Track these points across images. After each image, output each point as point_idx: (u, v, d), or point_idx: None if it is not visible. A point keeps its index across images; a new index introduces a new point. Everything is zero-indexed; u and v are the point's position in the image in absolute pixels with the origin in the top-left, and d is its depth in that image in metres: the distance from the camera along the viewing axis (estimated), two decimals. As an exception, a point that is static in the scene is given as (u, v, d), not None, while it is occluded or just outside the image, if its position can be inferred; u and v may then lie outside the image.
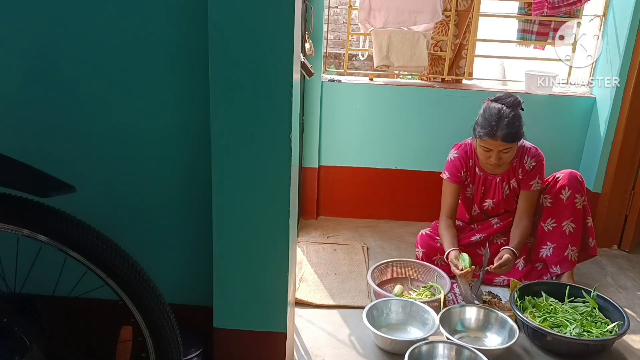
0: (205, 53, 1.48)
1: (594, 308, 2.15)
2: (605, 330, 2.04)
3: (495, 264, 2.31)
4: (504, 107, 2.31)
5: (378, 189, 3.11)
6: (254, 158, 1.54)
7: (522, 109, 2.37)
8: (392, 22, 2.89)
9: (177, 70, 1.58)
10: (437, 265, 2.50)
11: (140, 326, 1.31)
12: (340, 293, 2.37)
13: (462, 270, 2.29)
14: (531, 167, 2.42)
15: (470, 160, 2.50)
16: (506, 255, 2.31)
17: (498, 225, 2.55)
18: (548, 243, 2.43)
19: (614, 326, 2.05)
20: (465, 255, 2.33)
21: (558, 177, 2.44)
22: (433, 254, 2.52)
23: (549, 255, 2.43)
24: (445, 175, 2.53)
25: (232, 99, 1.49)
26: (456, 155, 2.51)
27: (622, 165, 2.81)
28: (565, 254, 2.39)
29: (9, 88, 1.61)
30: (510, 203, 2.53)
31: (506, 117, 2.29)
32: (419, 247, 2.55)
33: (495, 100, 2.37)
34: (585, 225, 2.44)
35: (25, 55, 1.58)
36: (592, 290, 2.20)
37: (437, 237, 2.53)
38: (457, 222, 2.60)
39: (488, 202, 2.54)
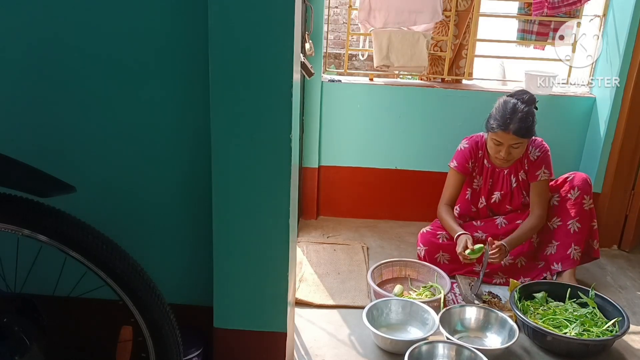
0: (205, 53, 1.48)
1: (594, 308, 2.15)
2: (605, 327, 2.05)
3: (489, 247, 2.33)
4: (519, 103, 2.35)
5: (378, 189, 3.11)
6: (254, 158, 1.54)
7: (537, 108, 2.39)
8: (392, 22, 2.89)
9: (178, 70, 1.58)
10: (439, 263, 2.50)
11: (140, 326, 1.31)
12: (340, 293, 2.37)
13: (467, 255, 2.31)
14: (536, 157, 2.44)
15: (480, 152, 2.53)
16: (499, 249, 2.33)
17: (503, 226, 2.53)
18: (553, 241, 2.44)
19: (614, 322, 2.05)
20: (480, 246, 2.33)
21: (569, 178, 2.46)
22: (435, 251, 2.52)
23: (552, 253, 2.44)
24: (453, 164, 2.56)
25: (232, 99, 1.49)
26: (467, 145, 2.54)
27: (622, 165, 2.81)
28: (568, 252, 2.40)
29: (8, 88, 1.61)
30: (516, 199, 2.53)
31: (520, 112, 2.32)
32: (421, 245, 2.55)
33: (511, 95, 2.41)
34: (591, 228, 2.46)
35: (25, 55, 1.58)
36: (590, 290, 2.21)
37: (438, 234, 2.53)
38: (459, 221, 2.59)
39: (496, 195, 2.55)
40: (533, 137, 2.45)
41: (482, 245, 2.32)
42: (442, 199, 2.58)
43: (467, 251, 2.31)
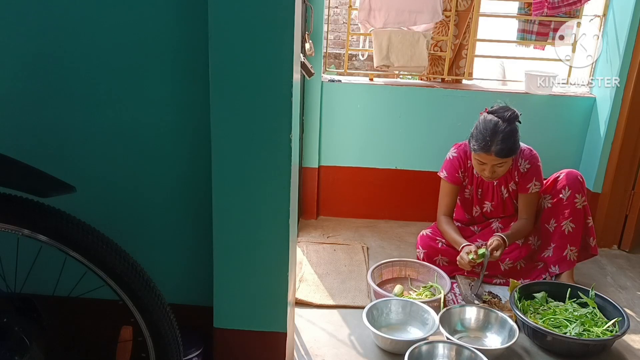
0: (205, 53, 1.48)
1: (594, 308, 2.15)
2: (605, 327, 2.04)
3: (488, 248, 2.31)
4: (500, 122, 2.26)
5: (378, 189, 3.11)
6: (254, 158, 1.54)
7: (520, 122, 2.32)
8: (392, 22, 2.89)
9: (178, 70, 1.58)
10: (438, 264, 2.49)
11: (140, 326, 1.31)
12: (340, 293, 2.37)
13: (470, 262, 2.29)
14: (526, 170, 2.40)
15: (469, 161, 2.47)
16: (496, 242, 2.31)
17: (500, 230, 2.52)
18: (551, 244, 2.43)
19: (614, 322, 2.05)
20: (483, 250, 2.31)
21: (558, 177, 2.43)
22: (434, 254, 2.51)
23: (549, 255, 2.43)
24: (442, 174, 2.52)
25: (232, 99, 1.49)
26: (455, 154, 2.49)
27: (622, 165, 2.81)
28: (564, 254, 2.39)
29: (9, 88, 1.61)
30: (509, 207, 2.52)
31: (501, 132, 2.24)
32: (420, 248, 2.55)
33: (492, 112, 2.32)
34: (586, 226, 2.44)
35: (25, 55, 1.58)
36: (590, 290, 2.21)
37: (438, 238, 2.53)
38: (456, 224, 2.60)
39: (487, 205, 2.54)
40: (522, 148, 2.40)
41: (484, 250, 2.30)
42: (440, 209, 2.53)
43: (471, 256, 2.28)
